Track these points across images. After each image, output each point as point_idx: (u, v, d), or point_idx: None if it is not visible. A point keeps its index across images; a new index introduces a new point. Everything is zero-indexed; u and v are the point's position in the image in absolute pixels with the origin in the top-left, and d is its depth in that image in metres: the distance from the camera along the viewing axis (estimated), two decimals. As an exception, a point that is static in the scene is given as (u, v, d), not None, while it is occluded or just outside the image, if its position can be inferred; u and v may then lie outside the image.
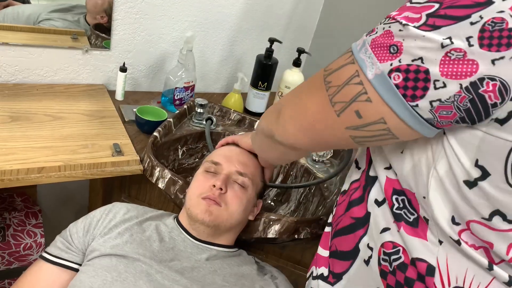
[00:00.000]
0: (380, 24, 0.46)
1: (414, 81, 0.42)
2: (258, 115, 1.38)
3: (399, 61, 0.43)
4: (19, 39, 1.11)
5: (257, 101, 1.36)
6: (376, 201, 0.57)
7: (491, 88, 0.40)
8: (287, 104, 0.58)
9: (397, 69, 0.43)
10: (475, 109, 0.41)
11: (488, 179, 0.44)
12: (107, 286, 0.69)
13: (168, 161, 1.08)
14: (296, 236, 0.87)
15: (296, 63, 1.31)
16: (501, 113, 0.41)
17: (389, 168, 0.55)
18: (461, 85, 0.40)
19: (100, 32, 1.20)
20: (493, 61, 0.39)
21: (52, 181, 0.88)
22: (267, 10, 1.43)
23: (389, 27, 0.44)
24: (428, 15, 0.42)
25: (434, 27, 0.41)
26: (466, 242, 0.48)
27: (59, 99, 1.14)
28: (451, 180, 0.47)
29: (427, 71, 0.41)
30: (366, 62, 0.45)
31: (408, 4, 0.45)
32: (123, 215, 0.83)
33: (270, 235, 0.87)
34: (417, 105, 0.43)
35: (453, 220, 0.48)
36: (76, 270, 0.78)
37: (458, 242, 0.48)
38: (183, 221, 0.84)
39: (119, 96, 1.23)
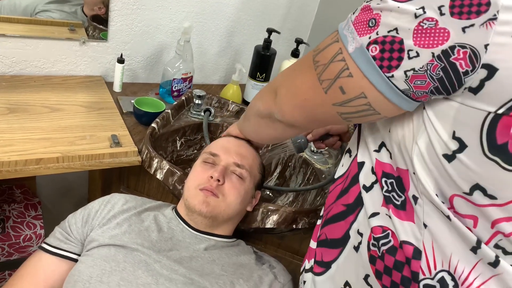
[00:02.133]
0: (364, 1, 0.48)
1: (390, 52, 0.43)
2: (257, 106, 1.37)
3: (377, 33, 0.44)
4: (16, 31, 1.11)
5: (256, 92, 1.35)
6: (364, 187, 0.57)
7: (461, 55, 0.40)
8: (281, 84, 0.60)
9: (375, 41, 0.44)
10: (447, 78, 0.42)
11: (466, 151, 0.44)
12: (106, 276, 0.69)
13: (166, 152, 1.08)
14: (294, 226, 0.87)
15: (295, 53, 1.31)
16: (473, 81, 0.41)
17: (378, 150, 0.56)
18: (433, 53, 0.41)
19: (98, 23, 1.20)
20: (463, 29, 0.40)
21: (50, 173, 0.88)
22: (265, 1, 1.42)
23: (369, 2, 0.46)
24: None
25: None
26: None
27: (57, 90, 1.14)
28: (431, 154, 0.47)
29: (401, 41, 0.43)
30: (348, 37, 0.47)
31: None
32: (122, 205, 0.83)
33: (268, 225, 0.87)
34: (392, 76, 0.44)
35: (437, 197, 0.49)
36: (75, 261, 0.78)
37: (448, 218, 0.48)
38: (181, 212, 0.84)
39: (117, 87, 1.23)
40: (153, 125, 1.02)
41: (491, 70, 0.40)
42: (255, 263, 0.81)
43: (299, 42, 1.30)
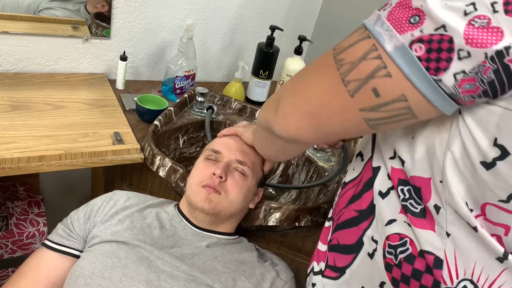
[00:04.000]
0: None
1: (437, 52, 0.39)
2: (259, 104, 1.37)
3: (421, 31, 0.40)
4: (19, 29, 1.11)
5: (258, 90, 1.35)
6: (380, 193, 0.55)
7: None
8: (287, 92, 0.53)
9: (419, 40, 0.40)
10: (499, 81, 0.39)
11: (508, 159, 0.42)
12: (108, 272, 0.69)
13: (169, 150, 1.08)
14: (296, 224, 0.87)
15: (298, 51, 1.30)
16: None
17: (393, 157, 0.53)
18: (486, 54, 0.38)
19: (101, 21, 1.20)
20: None
21: (52, 170, 0.88)
22: (268, -2, 1.42)
23: None
24: None
25: None
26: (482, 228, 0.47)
27: (60, 88, 1.14)
28: (465, 162, 0.44)
29: (451, 40, 0.39)
30: (384, 35, 0.42)
31: None
32: (124, 202, 0.83)
33: (270, 223, 0.87)
34: (440, 80, 0.40)
35: (466, 206, 0.46)
36: (78, 257, 0.78)
37: (475, 229, 0.46)
38: (184, 209, 0.84)
39: (119, 85, 1.23)
40: (156, 122, 1.02)
41: None
42: (257, 260, 0.81)
43: (302, 39, 1.29)
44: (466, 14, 0.38)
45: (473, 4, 0.38)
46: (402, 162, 0.51)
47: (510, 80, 0.38)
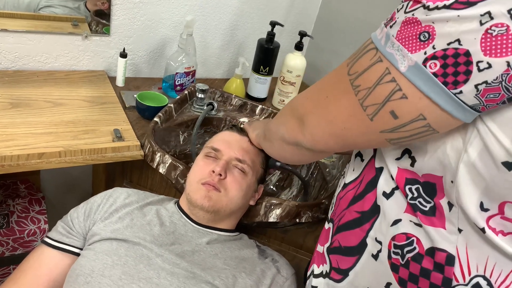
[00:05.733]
0: (399, 10, 0.43)
1: (454, 66, 0.39)
2: (260, 100, 1.36)
3: (433, 47, 0.39)
4: (19, 26, 1.11)
5: (259, 86, 1.35)
6: (384, 193, 0.54)
7: None
8: (309, 111, 0.55)
9: (433, 57, 0.40)
10: None
11: None
12: (108, 270, 0.69)
13: (169, 147, 1.08)
14: (297, 220, 0.86)
15: (298, 46, 1.29)
16: None
17: (399, 158, 0.53)
18: (508, 62, 0.37)
19: (101, 18, 1.19)
20: None
21: (52, 167, 0.88)
22: (268, -7, 1.41)
23: (413, 14, 0.41)
24: None
25: (469, 4, 0.37)
26: (494, 229, 0.46)
27: (60, 85, 1.14)
28: (485, 162, 0.44)
29: (467, 53, 0.38)
30: (396, 56, 0.42)
31: None
32: (124, 199, 0.83)
33: (271, 219, 0.86)
34: (460, 92, 0.40)
35: (481, 206, 0.46)
36: (77, 255, 0.78)
37: (483, 230, 0.46)
38: (184, 206, 0.84)
39: (119, 82, 1.22)
40: (156, 119, 1.01)
41: None
42: (258, 257, 0.80)
43: (303, 35, 1.28)
44: (481, 24, 0.37)
45: (489, 13, 0.37)
46: (413, 161, 0.51)
47: None
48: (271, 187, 1.14)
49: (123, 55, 1.18)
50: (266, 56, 1.30)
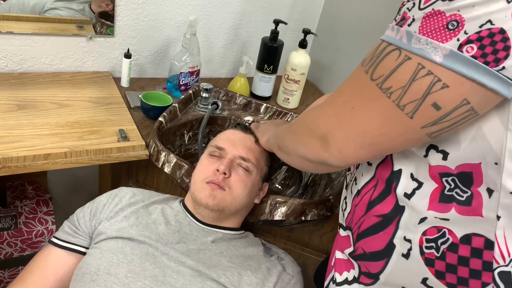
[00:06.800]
0: (410, 9, 0.43)
1: (492, 45, 0.40)
2: (264, 98, 1.36)
3: (465, 32, 0.40)
4: (25, 29, 1.12)
5: (263, 84, 1.34)
6: (406, 194, 0.54)
7: None
8: (335, 128, 0.53)
9: (467, 41, 0.40)
10: None
11: None
12: (113, 268, 0.70)
13: (174, 146, 1.08)
14: (303, 218, 0.86)
15: (302, 44, 1.29)
16: None
17: (426, 155, 0.52)
18: None
19: (105, 20, 1.20)
20: None
21: (58, 167, 0.89)
22: (271, -8, 1.41)
23: (432, 8, 0.42)
24: None
25: None
26: None
27: (65, 87, 1.15)
28: None
29: (502, 31, 0.39)
30: (426, 49, 0.42)
31: None
32: (129, 199, 0.83)
33: (276, 217, 0.86)
34: (503, 68, 0.41)
35: None
36: (84, 254, 0.79)
37: None
38: (189, 205, 0.84)
39: (124, 82, 1.23)
40: (161, 119, 1.02)
41: None
42: (263, 255, 0.80)
43: (307, 32, 1.28)
44: (509, 2, 0.38)
45: None
46: (445, 154, 0.51)
47: None
48: (277, 185, 1.14)
49: (128, 55, 1.18)
50: (270, 55, 1.30)
